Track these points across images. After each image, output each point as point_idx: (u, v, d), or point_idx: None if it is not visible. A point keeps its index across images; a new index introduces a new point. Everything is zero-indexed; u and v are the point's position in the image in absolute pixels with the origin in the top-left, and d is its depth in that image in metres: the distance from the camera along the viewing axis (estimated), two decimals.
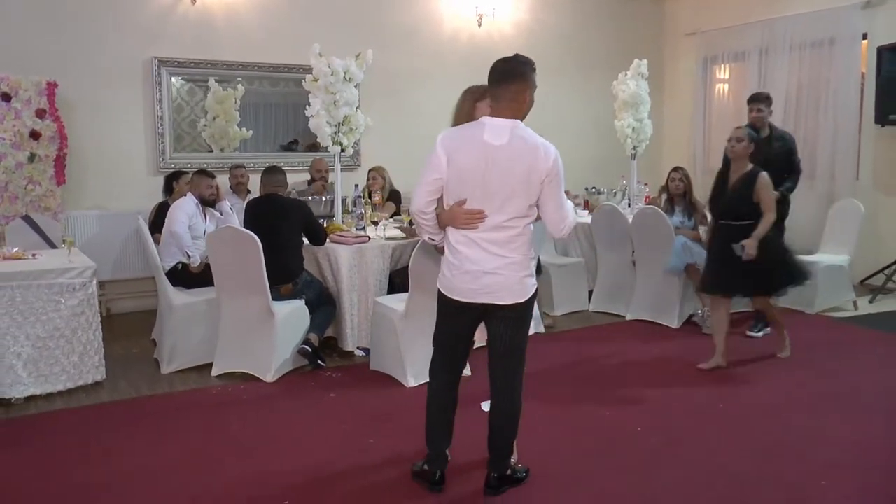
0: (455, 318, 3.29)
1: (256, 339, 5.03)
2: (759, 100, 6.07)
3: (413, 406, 4.25)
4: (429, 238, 3.32)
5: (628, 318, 6.54)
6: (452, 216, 3.14)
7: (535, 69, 3.15)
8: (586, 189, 7.90)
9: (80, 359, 4.72)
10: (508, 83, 3.09)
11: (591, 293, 6.99)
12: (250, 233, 4.88)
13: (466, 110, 3.61)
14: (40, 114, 6.13)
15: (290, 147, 7.93)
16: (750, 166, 5.10)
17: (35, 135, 6.11)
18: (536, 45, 8.91)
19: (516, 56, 3.18)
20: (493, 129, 3.07)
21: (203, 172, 5.90)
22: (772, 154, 5.79)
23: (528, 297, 3.20)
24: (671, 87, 9.85)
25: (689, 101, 9.53)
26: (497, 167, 3.04)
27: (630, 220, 6.54)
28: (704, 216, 6.35)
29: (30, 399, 4.58)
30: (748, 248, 4.92)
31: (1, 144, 6.00)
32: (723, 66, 9.32)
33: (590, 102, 9.00)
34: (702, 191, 6.65)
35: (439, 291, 3.29)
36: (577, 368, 5.33)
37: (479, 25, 8.57)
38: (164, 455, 3.86)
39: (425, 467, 3.45)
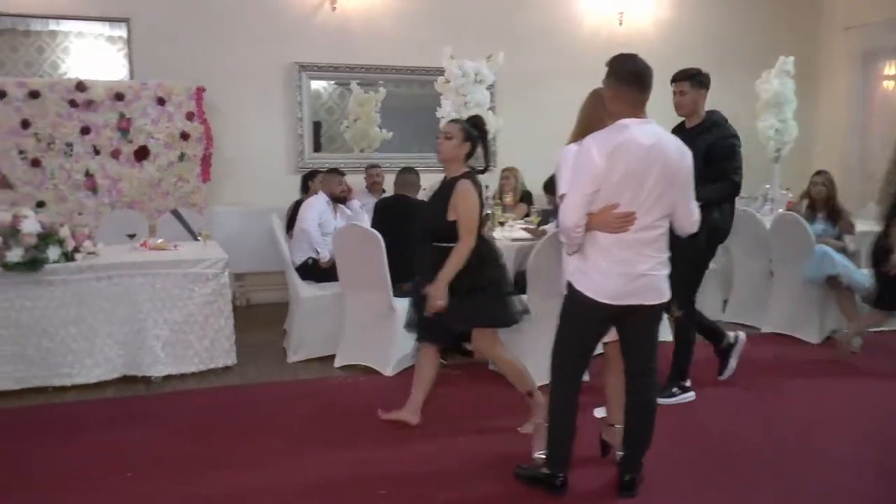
0: (595, 323, 3.24)
1: (378, 334, 5.19)
2: (679, 78, 4.67)
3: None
4: (571, 249, 3.25)
5: (764, 330, 6.22)
6: (603, 221, 3.09)
7: None
8: None
9: (212, 343, 5.07)
10: (649, 90, 3.13)
11: (725, 302, 6.73)
12: (374, 231, 5.04)
13: (599, 114, 3.50)
14: (189, 116, 6.65)
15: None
16: (462, 170, 3.95)
17: (185, 136, 6.63)
18: (675, 43, 8.61)
19: (645, 62, 3.17)
20: (641, 130, 3.07)
21: (333, 171, 6.16)
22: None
23: (669, 296, 3.22)
24: (827, 85, 9.24)
25: (844, 100, 8.92)
26: (651, 168, 3.05)
27: (768, 226, 6.24)
28: (851, 224, 5.96)
29: (167, 378, 4.96)
30: (431, 297, 3.82)
31: (155, 144, 6.56)
32: (887, 62, 8.62)
33: (728, 102, 8.57)
34: (851, 198, 6.24)
35: (580, 296, 3.19)
36: (704, 378, 5.13)
37: (620, 24, 8.44)
38: (282, 436, 4.08)
39: (545, 471, 3.40)
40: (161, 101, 6.59)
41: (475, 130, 4.01)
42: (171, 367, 4.97)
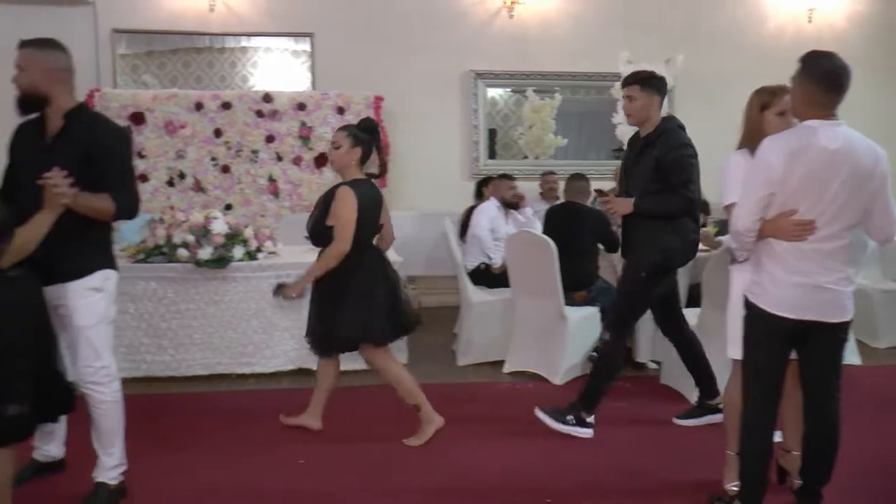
0: (776, 340, 2.98)
1: (548, 342, 5.12)
2: (629, 82, 4.13)
3: (698, 426, 4.14)
4: (742, 255, 3.06)
5: None
6: (779, 228, 2.88)
7: None
8: None
9: None
10: (844, 92, 2.86)
11: None
12: (546, 237, 4.98)
13: (754, 119, 3.26)
14: None
15: (616, 155, 7.92)
16: (356, 177, 3.92)
17: None
18: (872, 41, 8.04)
19: (843, 61, 2.89)
20: (828, 133, 2.82)
21: (504, 176, 6.20)
22: (636, 163, 4.13)
23: (852, 315, 2.95)
24: None
25: None
26: (835, 174, 2.79)
27: None
28: None
29: (343, 373, 5.05)
30: (286, 290, 3.92)
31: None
32: None
33: None
34: None
35: (756, 310, 2.97)
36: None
37: (810, 21, 7.96)
38: (447, 437, 4.09)
39: (737, 503, 3.16)
40: (340, 111, 6.87)
41: (365, 134, 3.95)
42: (344, 364, 5.08)
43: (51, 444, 3.52)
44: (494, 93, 7.84)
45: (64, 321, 3.15)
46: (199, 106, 6.81)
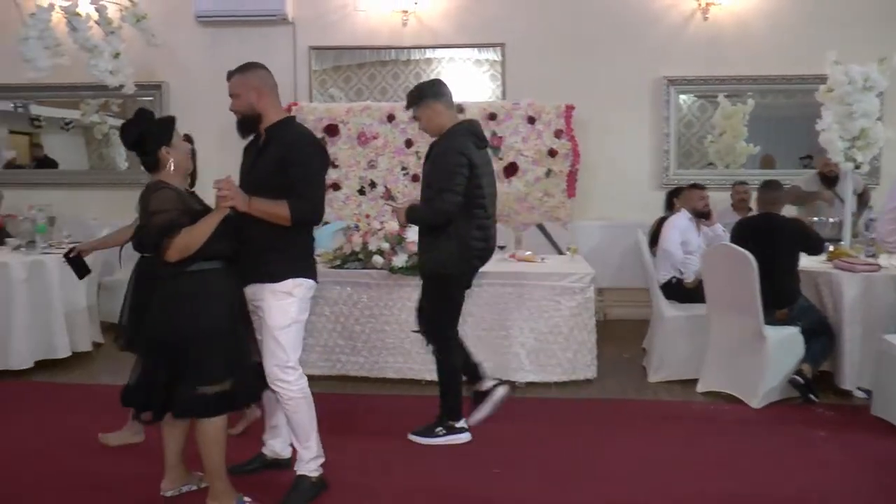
0: None
1: (745, 362, 4.89)
2: (407, 106, 4.27)
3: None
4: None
5: None
6: None
7: None
8: None
9: (575, 356, 5.13)
10: None
11: None
12: (746, 252, 4.75)
13: None
14: (558, 134, 6.81)
15: (805, 163, 7.51)
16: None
17: (552, 153, 6.80)
18: None
19: None
20: None
21: (694, 186, 6.00)
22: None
23: None
24: None
25: None
26: None
27: None
28: None
29: (529, 384, 5.10)
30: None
31: (524, 161, 6.83)
32: None
33: None
34: None
35: None
36: None
37: None
38: (640, 454, 4.01)
39: None
40: (531, 120, 6.86)
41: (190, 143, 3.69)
42: (535, 375, 5.12)
43: (275, 439, 3.74)
44: (678, 99, 7.59)
45: (261, 319, 3.36)
46: (390, 117, 7.01)
